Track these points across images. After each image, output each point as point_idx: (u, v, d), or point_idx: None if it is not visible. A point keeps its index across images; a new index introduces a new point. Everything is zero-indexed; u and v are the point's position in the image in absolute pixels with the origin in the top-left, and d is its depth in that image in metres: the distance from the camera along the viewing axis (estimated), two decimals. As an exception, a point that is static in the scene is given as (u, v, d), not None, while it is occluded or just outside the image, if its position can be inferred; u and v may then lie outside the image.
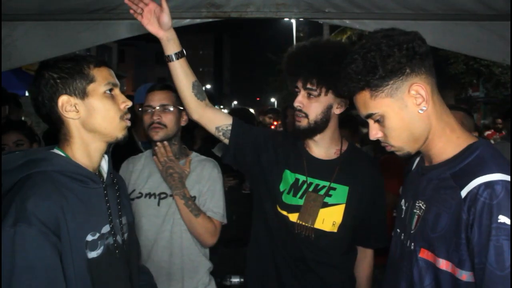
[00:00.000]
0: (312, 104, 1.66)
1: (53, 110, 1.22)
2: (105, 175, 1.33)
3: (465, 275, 1.07)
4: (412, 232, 1.20)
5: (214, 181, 1.99)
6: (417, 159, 1.37)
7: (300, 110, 1.68)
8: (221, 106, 47.14)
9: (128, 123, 1.30)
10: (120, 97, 1.29)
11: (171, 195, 1.93)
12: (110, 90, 1.26)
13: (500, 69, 14.75)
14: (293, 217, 1.73)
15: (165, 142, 1.93)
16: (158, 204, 1.95)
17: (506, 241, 0.99)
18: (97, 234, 1.21)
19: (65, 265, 1.11)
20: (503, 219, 0.99)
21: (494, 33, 2.69)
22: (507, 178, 1.03)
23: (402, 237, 1.26)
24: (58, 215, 1.11)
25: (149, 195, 1.97)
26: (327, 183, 1.73)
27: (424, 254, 1.15)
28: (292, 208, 1.74)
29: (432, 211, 1.14)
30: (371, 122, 1.19)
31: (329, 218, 1.71)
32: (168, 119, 1.94)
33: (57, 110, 1.21)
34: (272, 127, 6.89)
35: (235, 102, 56.33)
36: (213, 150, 3.27)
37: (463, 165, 1.11)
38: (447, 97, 18.82)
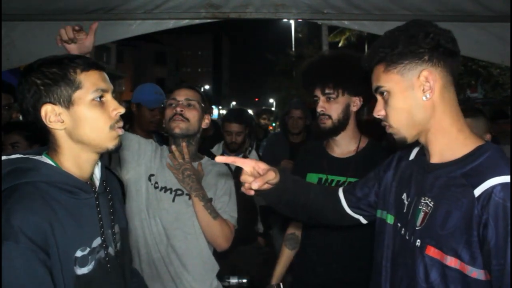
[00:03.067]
0: (332, 106, 1.88)
1: (37, 118, 1.12)
2: (97, 183, 1.24)
3: (475, 272, 1.08)
4: (417, 228, 1.19)
5: (230, 185, 1.97)
6: (415, 150, 1.36)
7: (323, 114, 1.89)
8: (220, 107, 47.16)
9: (120, 132, 1.19)
10: (112, 104, 1.17)
11: (187, 194, 1.87)
12: (100, 97, 1.15)
13: (498, 70, 14.76)
14: None
15: (184, 144, 1.87)
16: (173, 200, 1.88)
17: None
18: (88, 249, 1.14)
19: (56, 283, 1.05)
20: None
21: (492, 34, 2.70)
22: None
23: (403, 231, 1.25)
24: (47, 231, 1.03)
25: (165, 189, 1.89)
26: (344, 178, 1.88)
27: (431, 251, 1.15)
28: None
29: (441, 209, 1.14)
30: (379, 97, 1.23)
31: None
32: (192, 114, 1.88)
33: (41, 119, 1.12)
34: (270, 128, 6.88)
35: (234, 103, 56.31)
36: (211, 150, 3.28)
37: (474, 165, 1.11)
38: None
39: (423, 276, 1.16)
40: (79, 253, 1.11)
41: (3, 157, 1.15)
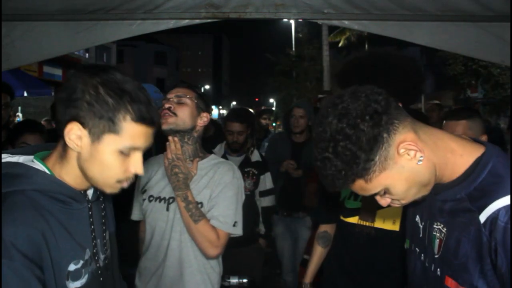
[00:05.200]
0: None
1: (60, 121, 1.03)
2: (90, 192, 1.17)
3: None
4: (436, 257, 1.13)
5: (225, 186, 1.81)
6: None
7: None
8: (220, 107, 47.14)
9: (125, 186, 1.10)
10: (135, 162, 1.06)
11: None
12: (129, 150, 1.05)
13: (498, 70, 14.75)
14: (354, 219, 1.92)
15: (176, 139, 1.80)
16: (167, 209, 1.83)
17: None
18: (81, 262, 1.08)
19: None
20: None
21: (492, 34, 2.69)
22: None
23: (422, 258, 1.19)
24: (41, 244, 0.96)
25: (159, 199, 1.86)
26: None
27: (449, 282, 1.08)
28: (353, 211, 1.92)
29: (452, 237, 1.07)
30: (377, 197, 1.09)
31: (389, 217, 1.84)
32: (181, 110, 1.79)
33: (63, 127, 1.02)
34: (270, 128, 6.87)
35: (234, 103, 56.26)
36: (213, 150, 3.28)
37: (478, 184, 1.02)
38: (446, 98, 18.86)
39: None
40: (72, 267, 1.05)
41: None
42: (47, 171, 1.06)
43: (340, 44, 22.38)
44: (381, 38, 2.94)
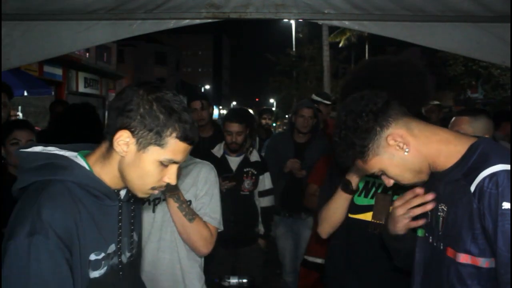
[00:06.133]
0: None
1: (112, 127, 1.12)
2: (123, 191, 1.26)
3: (487, 262, 1.17)
4: (440, 234, 1.29)
5: (211, 185, 1.91)
6: None
7: None
8: (220, 107, 47.13)
9: (156, 193, 1.21)
10: (171, 173, 1.17)
11: (164, 199, 1.83)
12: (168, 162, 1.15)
13: (499, 71, 14.75)
14: (366, 216, 1.93)
15: None
16: (153, 211, 1.86)
17: (509, 225, 1.10)
18: (102, 254, 1.16)
19: (74, 283, 1.07)
20: (506, 205, 1.10)
21: (493, 35, 2.69)
22: (508, 167, 1.12)
23: (431, 239, 1.34)
24: (72, 230, 1.06)
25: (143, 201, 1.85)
26: None
27: (449, 252, 1.24)
28: (365, 208, 1.93)
29: (451, 211, 1.24)
30: (383, 176, 1.33)
31: None
32: None
33: (114, 133, 1.12)
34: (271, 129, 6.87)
35: (234, 103, 56.28)
36: (212, 150, 3.28)
37: (470, 164, 1.19)
38: (446, 98, 18.87)
39: (446, 277, 1.24)
40: (93, 257, 1.13)
41: (39, 148, 1.17)
42: (87, 167, 1.16)
43: (340, 45, 22.40)
44: (381, 38, 2.94)
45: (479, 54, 2.95)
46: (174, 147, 1.12)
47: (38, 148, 1.18)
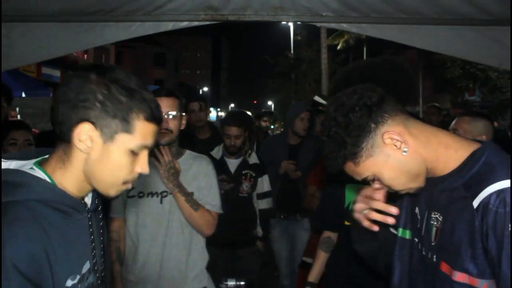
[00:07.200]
0: None
1: (68, 124, 0.98)
2: (89, 200, 1.13)
3: (486, 284, 1.06)
4: (433, 244, 1.18)
5: (210, 176, 2.18)
6: None
7: None
8: (218, 109, 47.15)
9: (129, 187, 1.09)
10: (142, 161, 1.05)
11: (171, 193, 2.06)
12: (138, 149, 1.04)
13: (496, 74, 14.78)
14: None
15: (166, 147, 2.04)
16: (161, 202, 2.09)
17: None
18: (78, 277, 1.03)
19: None
20: None
21: (490, 38, 2.71)
22: None
23: (419, 247, 1.24)
24: (42, 262, 0.92)
25: (151, 194, 2.09)
26: None
27: (443, 267, 1.14)
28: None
29: (448, 223, 1.13)
30: (371, 182, 1.20)
31: None
32: (173, 125, 2.05)
33: (70, 129, 0.98)
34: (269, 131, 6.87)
35: (232, 105, 56.31)
36: (211, 152, 3.28)
37: (472, 173, 1.08)
38: (444, 101, 18.90)
39: None
40: (69, 283, 1.00)
41: None
42: (47, 179, 1.01)
43: (338, 47, 22.43)
44: (379, 41, 2.95)
45: (476, 57, 2.97)
46: (143, 130, 1.01)
47: None
